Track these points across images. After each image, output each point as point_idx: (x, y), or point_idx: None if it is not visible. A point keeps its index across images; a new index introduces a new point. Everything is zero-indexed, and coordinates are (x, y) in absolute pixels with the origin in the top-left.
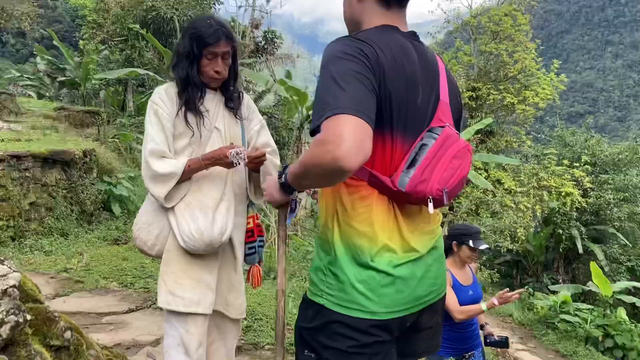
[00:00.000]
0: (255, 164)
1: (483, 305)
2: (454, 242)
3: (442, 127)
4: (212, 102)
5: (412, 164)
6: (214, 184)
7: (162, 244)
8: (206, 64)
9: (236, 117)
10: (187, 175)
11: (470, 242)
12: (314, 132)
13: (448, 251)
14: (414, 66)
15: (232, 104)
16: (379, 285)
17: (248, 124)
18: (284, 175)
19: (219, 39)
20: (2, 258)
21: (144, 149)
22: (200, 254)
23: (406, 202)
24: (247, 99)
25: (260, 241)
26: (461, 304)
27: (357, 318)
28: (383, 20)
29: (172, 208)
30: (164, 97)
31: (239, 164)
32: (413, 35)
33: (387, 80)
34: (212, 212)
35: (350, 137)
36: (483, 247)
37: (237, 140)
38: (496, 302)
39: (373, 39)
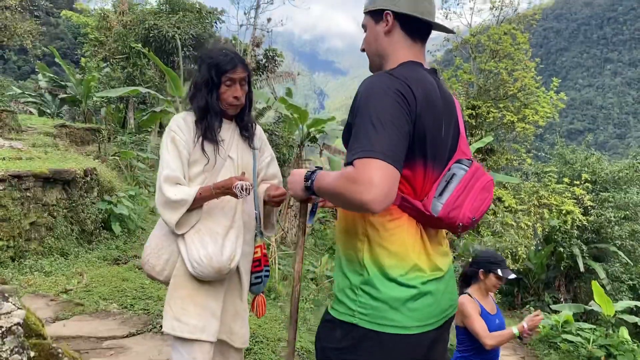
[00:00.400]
0: (276, 203)
1: (514, 329)
2: (481, 270)
3: (469, 159)
4: (227, 132)
5: (443, 192)
6: (224, 211)
7: (170, 270)
8: (225, 90)
9: (250, 147)
10: (198, 203)
11: (499, 271)
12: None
13: (472, 278)
14: (439, 102)
15: (247, 133)
16: (411, 300)
17: (260, 154)
18: (310, 180)
19: (236, 65)
20: (6, 295)
21: (159, 174)
22: (207, 281)
23: (434, 227)
24: (260, 131)
25: (266, 271)
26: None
27: (391, 334)
28: (408, 54)
29: (182, 234)
30: (181, 125)
31: (244, 197)
32: (434, 72)
33: (422, 117)
34: (221, 239)
35: (380, 184)
36: (511, 276)
37: (248, 169)
38: (526, 326)
39: (408, 76)
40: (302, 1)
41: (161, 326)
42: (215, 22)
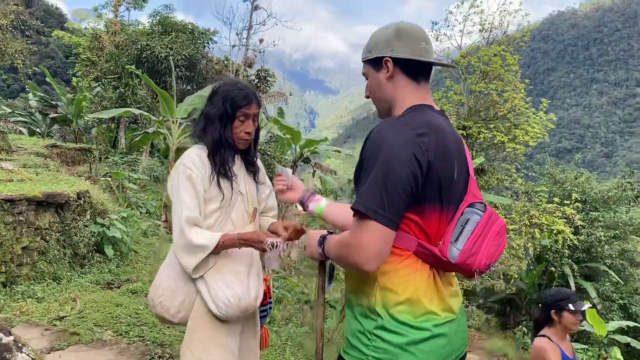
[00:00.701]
0: (296, 237)
1: None
2: (552, 310)
3: (481, 202)
4: (236, 166)
5: (458, 237)
6: (242, 250)
7: (187, 311)
8: (238, 125)
9: (254, 181)
10: (219, 250)
11: (571, 306)
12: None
13: (546, 323)
14: (450, 144)
15: (254, 167)
16: (424, 342)
17: (261, 187)
18: (322, 247)
19: (251, 102)
20: (20, 344)
21: (178, 215)
22: (227, 321)
23: (449, 271)
24: (260, 163)
25: (270, 303)
26: None
27: None
28: (416, 96)
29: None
30: (196, 162)
31: (271, 253)
32: (443, 113)
33: (435, 165)
34: (246, 278)
35: (369, 246)
36: (586, 307)
37: (255, 203)
38: None
39: (420, 123)
40: (294, 22)
41: (160, 357)
42: (208, 43)
